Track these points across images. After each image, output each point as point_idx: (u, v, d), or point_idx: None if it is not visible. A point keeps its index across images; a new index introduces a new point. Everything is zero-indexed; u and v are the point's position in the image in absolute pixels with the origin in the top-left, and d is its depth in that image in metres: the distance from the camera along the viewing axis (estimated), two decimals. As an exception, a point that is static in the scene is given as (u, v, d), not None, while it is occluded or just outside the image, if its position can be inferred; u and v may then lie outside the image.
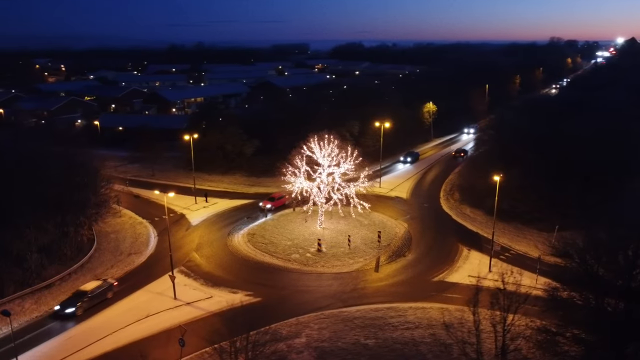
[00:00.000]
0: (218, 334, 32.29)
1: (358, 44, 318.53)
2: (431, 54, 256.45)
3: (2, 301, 41.09)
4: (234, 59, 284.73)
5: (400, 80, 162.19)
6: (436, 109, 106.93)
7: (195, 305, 42.01)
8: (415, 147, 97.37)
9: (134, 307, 41.74)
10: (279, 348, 36.75)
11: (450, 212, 65.08)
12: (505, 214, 62.43)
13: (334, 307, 41.84)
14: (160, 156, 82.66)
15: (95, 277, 46.53)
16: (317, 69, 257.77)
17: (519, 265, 47.76)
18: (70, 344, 36.30)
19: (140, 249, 53.32)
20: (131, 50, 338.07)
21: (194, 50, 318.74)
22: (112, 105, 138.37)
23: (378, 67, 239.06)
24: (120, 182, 75.64)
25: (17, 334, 37.19)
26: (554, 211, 58.93)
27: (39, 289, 43.56)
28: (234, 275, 47.77)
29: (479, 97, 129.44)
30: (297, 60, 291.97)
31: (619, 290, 29.29)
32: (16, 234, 40.83)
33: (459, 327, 38.44)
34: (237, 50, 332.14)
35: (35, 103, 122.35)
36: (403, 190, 73.12)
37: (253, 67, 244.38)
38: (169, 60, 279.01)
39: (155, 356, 34.69)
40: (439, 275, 47.94)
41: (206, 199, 68.55)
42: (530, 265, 47.72)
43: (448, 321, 37.27)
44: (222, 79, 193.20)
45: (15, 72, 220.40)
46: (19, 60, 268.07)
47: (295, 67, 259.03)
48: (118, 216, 62.67)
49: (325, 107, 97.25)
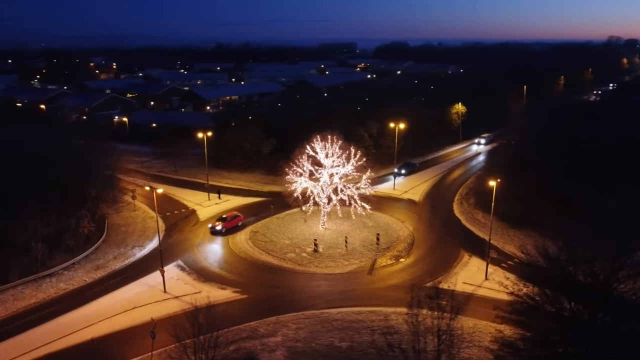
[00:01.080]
0: (190, 329, 32.80)
1: (403, 43, 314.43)
2: (476, 53, 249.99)
3: (5, 287, 43.74)
4: (280, 58, 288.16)
5: (440, 80, 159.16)
6: (465, 110, 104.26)
7: (182, 299, 43.02)
8: (436, 150, 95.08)
9: (124, 298, 43.32)
10: (253, 345, 37.25)
11: (461, 216, 63.49)
12: (516, 221, 60.56)
13: (317, 308, 41.85)
14: (183, 153, 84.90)
15: (96, 267, 48.73)
16: (360, 68, 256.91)
17: (520, 274, 45.92)
18: (56, 330, 38.08)
19: (145, 243, 55.15)
20: (181, 49, 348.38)
21: (240, 49, 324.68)
22: (151, 102, 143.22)
23: (420, 66, 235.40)
24: (143, 177, 78.60)
25: (10, 319, 39.68)
26: (569, 219, 56.56)
27: (42, 277, 46.02)
28: (227, 271, 48.63)
29: (516, 98, 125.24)
30: (341, 59, 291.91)
31: (593, 300, 28.06)
32: (20, 225, 43.13)
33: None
34: (283, 49, 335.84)
35: (78, 99, 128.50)
36: (417, 193, 71.90)
37: (296, 66, 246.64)
38: (216, 59, 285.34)
39: (132, 347, 35.87)
40: (432, 280, 46.83)
41: (219, 195, 69.98)
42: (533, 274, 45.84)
43: (424, 327, 36.61)
44: (261, 77, 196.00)
45: (72, 70, 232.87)
46: (76, 58, 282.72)
47: (337, 66, 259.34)
48: (132, 210, 65.11)
49: (354, 106, 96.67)
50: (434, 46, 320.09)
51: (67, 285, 45.22)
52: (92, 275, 47.34)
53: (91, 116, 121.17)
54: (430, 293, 30.02)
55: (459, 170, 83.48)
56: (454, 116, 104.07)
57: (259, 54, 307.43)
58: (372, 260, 50.47)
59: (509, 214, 61.10)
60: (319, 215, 58.37)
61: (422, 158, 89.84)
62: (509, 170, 65.89)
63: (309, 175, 56.17)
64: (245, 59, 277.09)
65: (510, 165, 66.16)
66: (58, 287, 44.85)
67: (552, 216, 58.27)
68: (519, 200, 61.17)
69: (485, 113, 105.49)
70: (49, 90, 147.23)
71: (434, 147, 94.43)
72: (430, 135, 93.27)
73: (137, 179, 78.67)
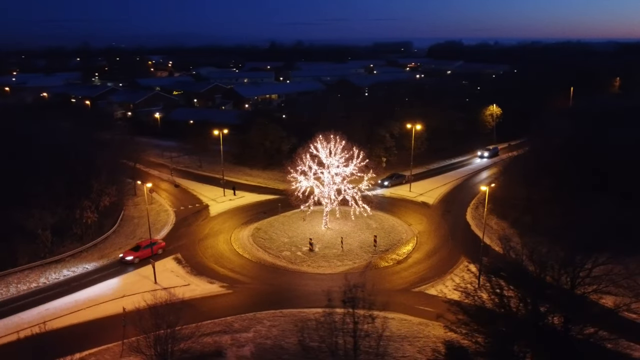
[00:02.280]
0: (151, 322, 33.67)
1: (457, 42, 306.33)
2: (533, 52, 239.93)
3: (13, 270, 46.87)
4: (331, 56, 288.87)
5: (488, 81, 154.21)
6: (501, 112, 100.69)
7: (170, 291, 44.21)
8: (462, 153, 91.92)
9: (117, 286, 45.35)
10: (224, 340, 38.01)
11: (472, 221, 61.60)
12: (528, 228, 57.98)
13: (296, 307, 42.04)
14: (209, 149, 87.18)
15: (100, 256, 51.23)
16: (409, 67, 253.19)
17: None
18: (44, 314, 40.33)
19: (152, 235, 57.18)
20: (236, 48, 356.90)
21: (293, 48, 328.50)
22: (194, 100, 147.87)
23: (472, 66, 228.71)
24: (169, 171, 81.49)
25: (11, 301, 42.52)
26: (584, 228, 53.64)
27: (48, 263, 48.93)
28: (220, 266, 49.68)
29: (562, 100, 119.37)
30: (393, 59, 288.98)
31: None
32: (27, 213, 46.05)
33: (414, 340, 37.29)
34: (336, 48, 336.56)
35: (124, 96, 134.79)
36: (433, 196, 70.30)
37: (345, 65, 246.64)
38: (268, 58, 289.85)
39: (109, 334, 37.44)
40: (422, 286, 45.97)
41: (234, 192, 71.41)
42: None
43: (401, 333, 36.23)
44: (306, 76, 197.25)
45: (130, 68, 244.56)
46: (137, 57, 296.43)
47: (387, 65, 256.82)
48: (149, 203, 67.67)
49: (398, 106, 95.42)
50: (490, 45, 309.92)
51: (69, 272, 47.85)
52: (94, 263, 49.83)
53: (135, 112, 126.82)
54: (345, 297, 29.80)
55: (482, 174, 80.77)
56: (487, 118, 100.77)
57: (311, 53, 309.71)
58: (366, 262, 50.00)
59: (520, 221, 58.74)
60: (320, 215, 58.43)
61: (446, 161, 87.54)
62: (526, 176, 63.53)
63: (312, 174, 56.34)
64: (296, 58, 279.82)
65: (526, 171, 63.58)
66: (61, 273, 47.55)
67: (567, 225, 55.69)
68: (532, 207, 58.73)
69: (528, 115, 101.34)
70: (100, 87, 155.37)
71: (462, 150, 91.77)
72: (459, 137, 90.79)
73: (163, 174, 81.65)
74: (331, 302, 29.63)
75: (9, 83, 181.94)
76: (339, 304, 30.18)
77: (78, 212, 49.01)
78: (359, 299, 29.60)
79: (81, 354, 34.10)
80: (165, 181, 78.25)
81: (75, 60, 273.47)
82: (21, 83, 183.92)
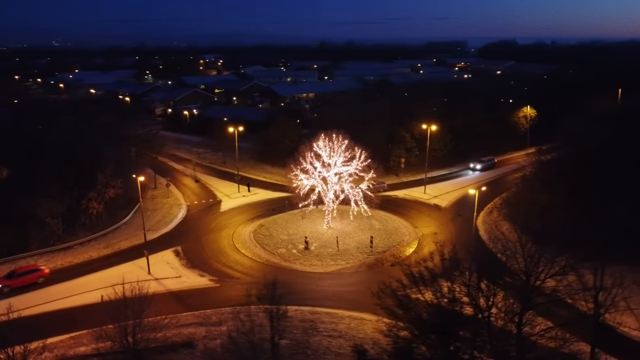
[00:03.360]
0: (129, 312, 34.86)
1: (510, 41, 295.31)
2: (592, 52, 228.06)
3: (22, 255, 49.91)
4: (380, 56, 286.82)
5: (539, 81, 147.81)
6: (535, 113, 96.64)
7: (161, 282, 46.03)
8: (499, 154, 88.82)
9: (112, 275, 46.84)
10: (198, 332, 38.91)
11: (482, 226, 59.67)
12: (537, 235, 55.43)
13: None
14: (230, 146, 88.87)
15: (106, 246, 53.60)
16: (458, 67, 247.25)
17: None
18: (41, 297, 42.82)
19: (159, 228, 59.27)
20: (287, 47, 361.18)
21: (342, 47, 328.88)
22: (233, 98, 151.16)
23: (523, 66, 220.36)
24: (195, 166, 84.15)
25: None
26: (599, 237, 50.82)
27: (57, 249, 51.75)
28: (215, 260, 50.74)
29: (610, 103, 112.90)
30: (443, 58, 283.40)
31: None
32: (37, 202, 48.95)
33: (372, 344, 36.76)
34: (386, 47, 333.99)
35: (165, 94, 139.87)
36: (448, 199, 68.56)
37: (391, 65, 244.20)
38: (317, 57, 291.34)
39: (91, 320, 39.01)
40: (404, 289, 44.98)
41: (248, 188, 72.59)
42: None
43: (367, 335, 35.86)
44: (350, 75, 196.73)
45: (183, 67, 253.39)
46: (190, 56, 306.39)
47: (435, 65, 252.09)
48: (166, 197, 70.06)
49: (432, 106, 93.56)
50: (545, 45, 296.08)
51: (74, 259, 50.45)
52: (99, 252, 52.24)
53: (175, 109, 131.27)
54: (260, 294, 30.05)
55: (506, 179, 77.77)
56: (520, 120, 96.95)
57: (360, 52, 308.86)
58: (359, 263, 49.59)
59: (529, 228, 56.26)
60: (331, 214, 58.42)
61: (469, 163, 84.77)
62: (544, 181, 60.89)
63: (317, 173, 56.42)
64: (345, 57, 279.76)
65: (545, 176, 60.89)
66: (66, 259, 50.22)
67: (580, 233, 52.89)
68: (546, 214, 56.14)
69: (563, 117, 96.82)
70: (146, 85, 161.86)
71: (488, 153, 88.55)
72: (488, 139, 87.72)
73: (187, 169, 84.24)
74: (251, 297, 30.26)
75: (66, 80, 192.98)
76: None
77: (84, 202, 51.53)
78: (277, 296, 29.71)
79: (57, 338, 35.95)
80: (187, 176, 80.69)
81: (132, 59, 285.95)
82: (78, 80, 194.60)
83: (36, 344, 32.09)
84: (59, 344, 36.16)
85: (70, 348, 35.90)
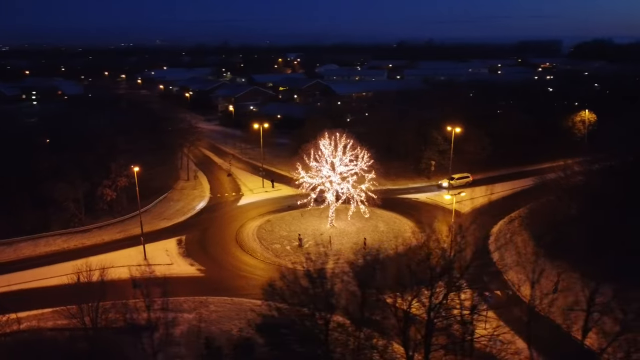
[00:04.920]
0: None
1: (607, 41, 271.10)
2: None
3: (44, 235, 54.81)
4: (459, 55, 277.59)
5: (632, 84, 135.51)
6: (595, 118, 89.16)
7: (153, 267, 48.47)
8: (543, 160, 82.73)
9: (114, 257, 50.47)
10: (168, 316, 40.45)
11: (495, 235, 56.47)
12: (550, 248, 51.48)
13: (248, 297, 43.09)
14: (269, 142, 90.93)
15: (121, 231, 57.32)
16: (542, 68, 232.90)
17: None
18: (45, 273, 46.88)
19: (174, 217, 62.28)
20: (369, 46, 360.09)
21: (422, 46, 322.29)
22: (294, 96, 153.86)
23: (615, 67, 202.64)
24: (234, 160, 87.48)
25: (26, 260, 49.91)
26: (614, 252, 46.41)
27: (75, 232, 56.25)
28: (211, 251, 52.59)
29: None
30: (527, 58, 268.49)
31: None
32: (58, 187, 53.58)
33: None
34: (468, 46, 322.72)
35: (228, 91, 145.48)
36: (470, 205, 65.52)
37: (468, 65, 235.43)
38: (397, 56, 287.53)
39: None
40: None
41: (272, 184, 73.98)
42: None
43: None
44: (418, 75, 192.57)
45: (262, 65, 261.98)
46: (272, 54, 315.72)
47: (517, 65, 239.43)
48: (193, 188, 73.37)
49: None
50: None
51: (87, 241, 54.62)
52: (112, 236, 56.11)
53: (235, 105, 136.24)
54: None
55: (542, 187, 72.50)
56: (578, 125, 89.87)
57: (440, 51, 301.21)
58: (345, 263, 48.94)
59: (542, 239, 52.38)
60: (339, 213, 58.24)
61: (508, 170, 79.80)
62: (569, 192, 56.51)
63: (321, 172, 56.48)
64: (423, 56, 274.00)
65: (572, 187, 56.46)
66: (79, 241, 54.51)
67: (596, 248, 48.43)
68: (560, 225, 52.01)
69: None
70: (213, 82, 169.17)
71: (534, 159, 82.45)
72: (536, 144, 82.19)
73: (225, 163, 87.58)
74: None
75: (148, 76, 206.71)
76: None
77: (100, 189, 55.60)
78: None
79: (29, 313, 39.27)
80: (223, 170, 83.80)
81: (217, 57, 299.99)
82: (160, 77, 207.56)
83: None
84: (31, 318, 39.40)
85: (40, 321, 39.09)
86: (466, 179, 73.37)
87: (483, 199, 67.77)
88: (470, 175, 74.34)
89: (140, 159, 56.44)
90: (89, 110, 74.27)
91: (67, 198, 54.58)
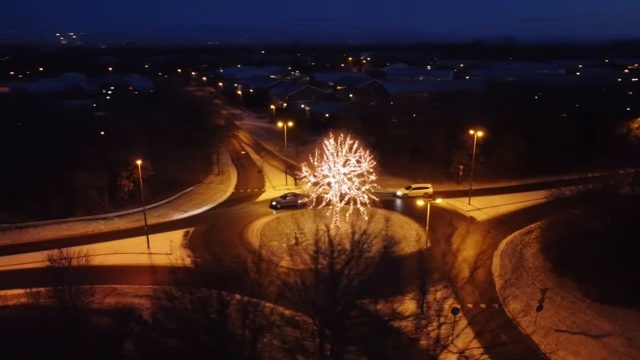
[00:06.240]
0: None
1: None
2: None
3: (68, 220, 59.25)
4: (540, 55, 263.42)
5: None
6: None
7: (152, 256, 51.00)
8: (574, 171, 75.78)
9: (120, 244, 53.58)
10: (145, 303, 42.61)
11: (504, 246, 53.57)
12: (557, 263, 48.08)
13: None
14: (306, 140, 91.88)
15: (137, 220, 60.65)
16: (629, 69, 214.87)
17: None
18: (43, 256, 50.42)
19: (191, 209, 64.80)
20: (444, 45, 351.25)
21: (497, 45, 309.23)
22: (349, 95, 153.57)
23: None
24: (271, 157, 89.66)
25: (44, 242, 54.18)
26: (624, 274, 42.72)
27: (96, 218, 60.31)
28: (213, 244, 53.89)
29: None
30: (613, 58, 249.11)
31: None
32: (81, 176, 57.81)
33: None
34: (550, 46, 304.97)
35: (282, 89, 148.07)
36: (490, 213, 62.43)
37: (543, 65, 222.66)
38: (470, 55, 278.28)
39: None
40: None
41: (295, 182, 74.72)
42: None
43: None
44: (486, 75, 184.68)
45: (332, 63, 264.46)
46: (343, 53, 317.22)
47: (598, 66, 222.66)
48: (220, 183, 75.93)
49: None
50: None
51: (104, 228, 58.39)
52: (126, 225, 59.50)
53: (289, 103, 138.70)
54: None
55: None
56: (636, 132, 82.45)
57: (519, 51, 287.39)
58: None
59: (551, 254, 49.02)
60: (345, 213, 58.02)
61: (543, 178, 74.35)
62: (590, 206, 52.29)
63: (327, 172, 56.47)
64: (499, 55, 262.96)
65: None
66: (97, 227, 58.39)
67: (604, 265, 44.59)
68: (574, 239, 48.35)
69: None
70: (270, 81, 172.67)
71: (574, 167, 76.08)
72: (577, 150, 76.48)
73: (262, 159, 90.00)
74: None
75: (217, 74, 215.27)
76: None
77: (119, 179, 59.26)
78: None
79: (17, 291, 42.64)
80: (257, 166, 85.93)
81: (288, 56, 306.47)
82: (229, 75, 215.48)
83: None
84: (20, 296, 42.68)
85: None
86: (425, 189, 69.21)
87: (504, 208, 64.56)
88: (431, 187, 70.34)
89: (166, 153, 59.77)
90: (132, 105, 79.11)
91: (91, 186, 58.57)
